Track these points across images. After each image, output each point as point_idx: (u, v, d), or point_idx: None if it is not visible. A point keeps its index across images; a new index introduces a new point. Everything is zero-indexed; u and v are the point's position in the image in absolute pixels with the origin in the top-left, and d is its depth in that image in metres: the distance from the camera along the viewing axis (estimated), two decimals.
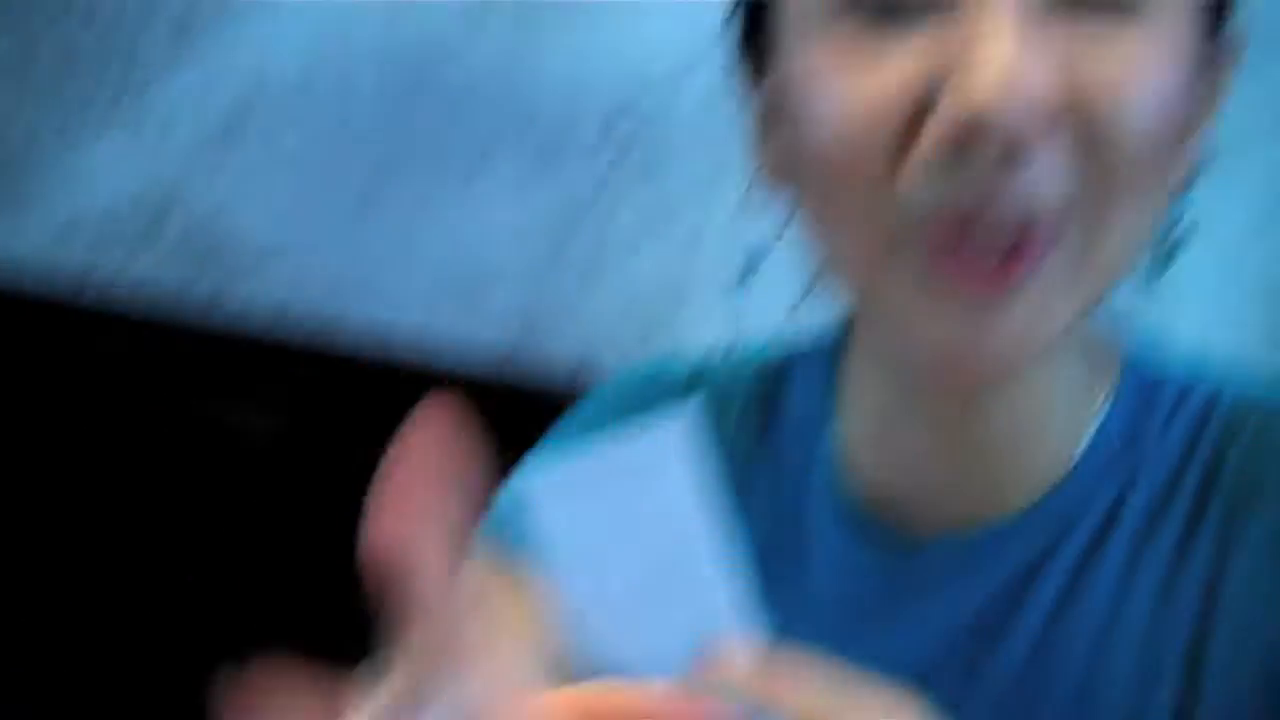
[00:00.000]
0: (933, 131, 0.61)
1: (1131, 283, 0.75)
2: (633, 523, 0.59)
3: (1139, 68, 0.62)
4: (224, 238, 1.81)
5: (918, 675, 0.62)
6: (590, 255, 1.69)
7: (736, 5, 0.75)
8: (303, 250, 1.78)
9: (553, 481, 0.62)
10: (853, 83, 0.63)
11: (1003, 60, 0.60)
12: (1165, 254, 0.73)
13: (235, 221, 1.81)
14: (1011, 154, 0.60)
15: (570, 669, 0.55)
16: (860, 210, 0.65)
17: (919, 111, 0.62)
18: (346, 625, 0.74)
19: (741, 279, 0.81)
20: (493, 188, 1.72)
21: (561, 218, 1.70)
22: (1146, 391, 0.75)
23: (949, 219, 0.62)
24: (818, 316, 0.82)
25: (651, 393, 0.88)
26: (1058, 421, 0.73)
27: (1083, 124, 0.61)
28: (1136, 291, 0.75)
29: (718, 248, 1.64)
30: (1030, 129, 0.60)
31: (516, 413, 1.51)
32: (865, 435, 0.78)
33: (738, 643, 0.57)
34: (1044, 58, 0.60)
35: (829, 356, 0.83)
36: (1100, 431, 0.74)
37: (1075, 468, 0.73)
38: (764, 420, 0.84)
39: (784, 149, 0.71)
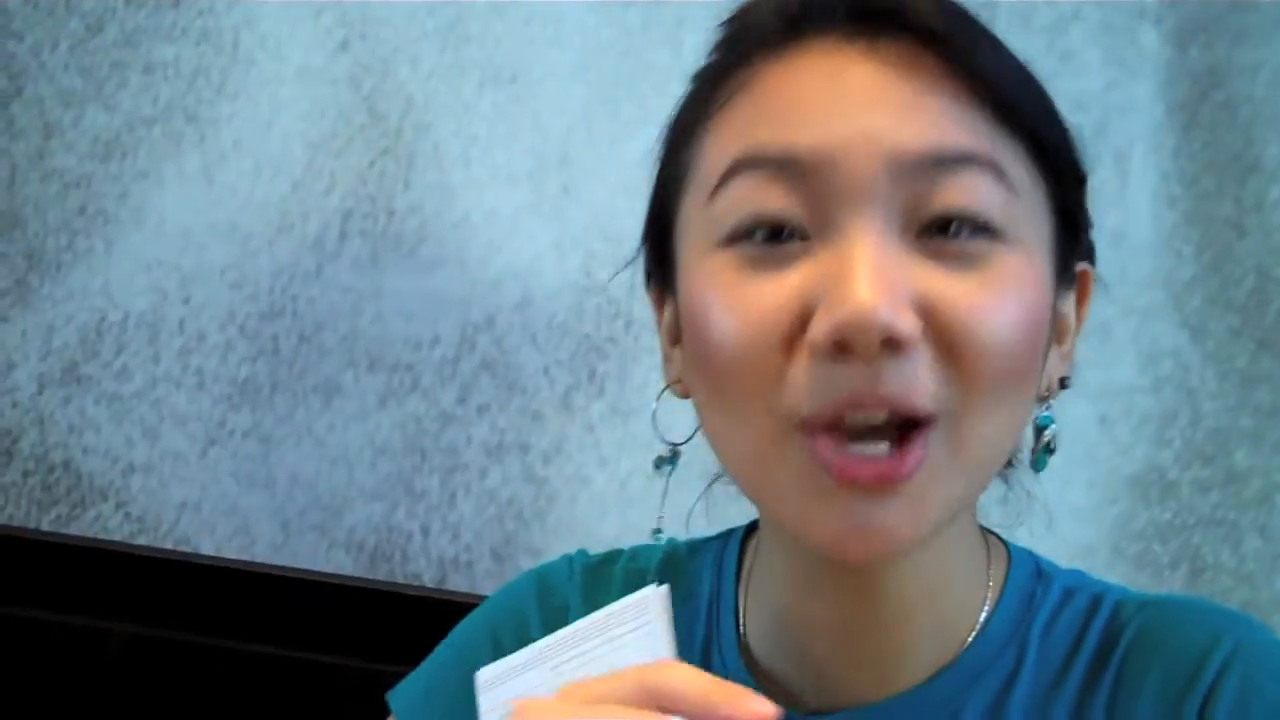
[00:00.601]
0: (807, 344, 0.68)
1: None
2: None
3: (989, 295, 0.68)
4: (75, 469, 1.79)
5: None
6: (446, 473, 1.70)
7: (645, 234, 0.81)
8: (154, 479, 1.77)
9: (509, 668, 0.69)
10: (740, 304, 0.70)
11: (865, 284, 0.66)
12: (1044, 450, 0.80)
13: (83, 456, 1.79)
14: (878, 358, 0.66)
15: None
16: (751, 415, 0.71)
17: (796, 329, 0.68)
18: None
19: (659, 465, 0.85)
20: (349, 410, 1.73)
21: (417, 436, 1.71)
22: (1033, 586, 0.81)
23: (832, 420, 0.68)
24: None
25: (550, 589, 0.91)
26: (949, 604, 0.79)
27: (941, 342, 0.68)
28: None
29: (579, 459, 1.66)
30: (893, 337, 0.66)
31: (378, 615, 1.51)
32: (768, 615, 0.82)
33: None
34: (900, 284, 0.67)
35: (734, 543, 0.87)
36: (990, 620, 0.79)
37: (967, 650, 0.78)
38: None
39: (686, 361, 0.77)
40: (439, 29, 1.73)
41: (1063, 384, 0.79)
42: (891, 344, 0.66)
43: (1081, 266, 0.79)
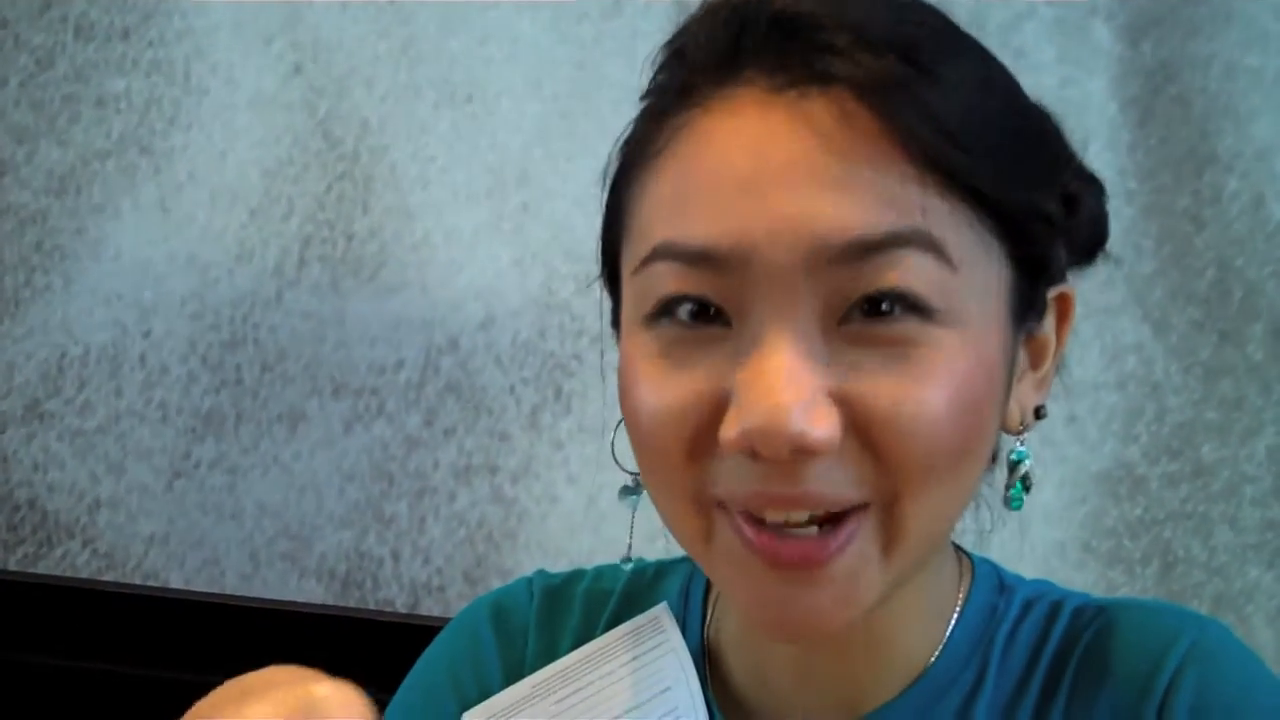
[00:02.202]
0: (721, 442, 0.66)
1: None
2: None
3: (915, 385, 0.65)
4: (40, 506, 1.78)
5: None
6: (415, 497, 1.69)
7: (601, 271, 0.80)
8: (120, 514, 1.76)
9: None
10: (659, 394, 0.68)
11: (775, 390, 0.63)
12: (1019, 486, 0.77)
13: (48, 493, 1.77)
14: (791, 461, 0.64)
15: None
16: (677, 495, 0.70)
17: (712, 423, 0.66)
18: None
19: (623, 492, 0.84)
20: (315, 437, 1.72)
21: (385, 461, 1.70)
22: (995, 600, 0.80)
23: (754, 508, 0.67)
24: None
25: (506, 613, 0.90)
26: (916, 631, 0.78)
27: (864, 437, 0.65)
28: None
29: (547, 478, 1.66)
30: (804, 445, 0.63)
31: (349, 640, 1.50)
32: (732, 641, 0.82)
33: None
34: (815, 386, 0.64)
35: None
36: (954, 635, 0.79)
37: (930, 668, 0.78)
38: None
39: (627, 431, 0.75)
40: (392, 51, 1.72)
41: (1038, 414, 0.76)
42: (803, 451, 0.64)
43: (1060, 289, 0.75)
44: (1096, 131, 1.53)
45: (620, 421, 0.78)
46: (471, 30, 1.71)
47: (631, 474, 0.80)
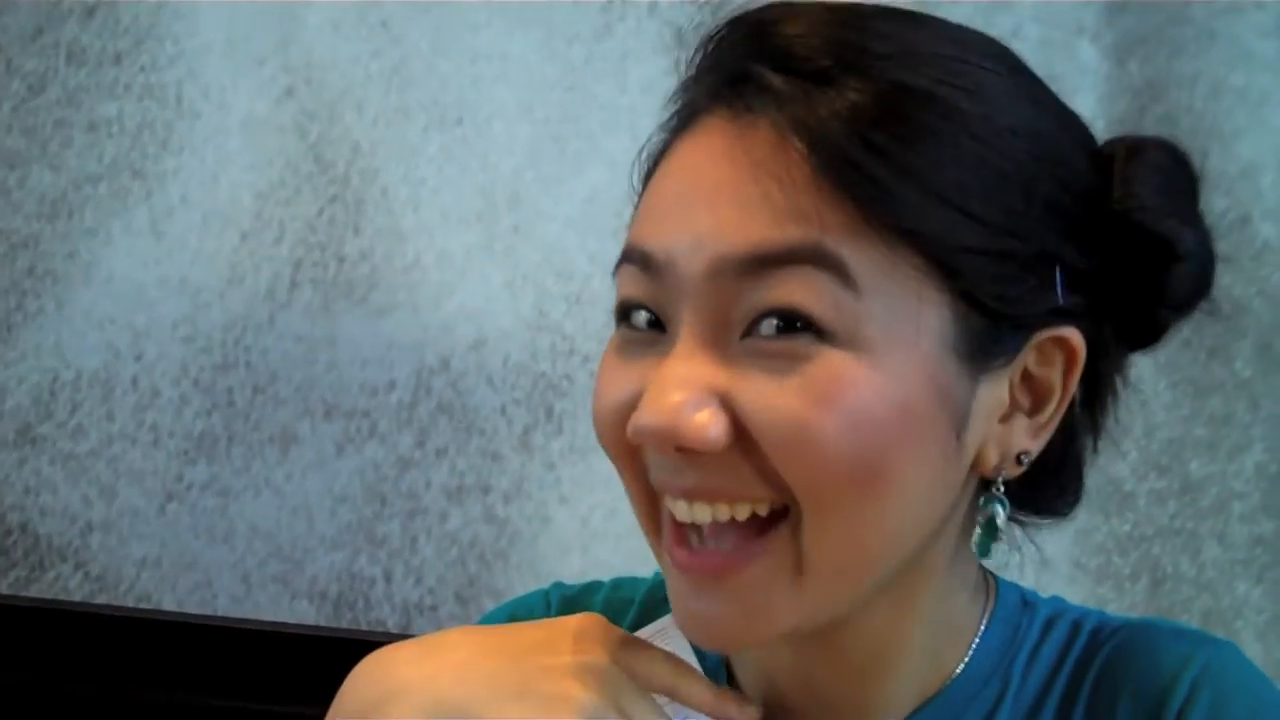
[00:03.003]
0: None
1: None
2: None
3: (803, 401, 0.66)
4: (32, 530, 1.78)
5: None
6: (407, 517, 1.69)
7: None
8: (112, 537, 1.76)
9: None
10: (609, 381, 0.73)
11: (663, 391, 0.67)
12: (984, 533, 0.75)
13: (40, 517, 1.77)
14: (679, 459, 0.68)
15: None
16: (630, 485, 0.74)
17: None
18: None
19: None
20: (307, 459, 1.72)
21: (376, 483, 1.70)
22: (1019, 618, 0.81)
23: (671, 495, 0.71)
24: None
25: (526, 620, 0.91)
26: (930, 650, 0.78)
27: (753, 449, 0.68)
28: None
29: (539, 498, 1.66)
30: (684, 446, 0.67)
31: (341, 661, 1.49)
32: (746, 655, 0.83)
33: None
34: (704, 391, 0.67)
35: None
36: (976, 653, 0.79)
37: (949, 685, 0.79)
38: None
39: None
40: (383, 72, 1.73)
41: (1020, 460, 0.74)
42: (686, 451, 0.68)
43: (1054, 334, 0.72)
44: None
45: None
46: (462, 51, 1.72)
47: None
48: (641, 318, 0.72)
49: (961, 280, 0.68)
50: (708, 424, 0.67)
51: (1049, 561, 1.51)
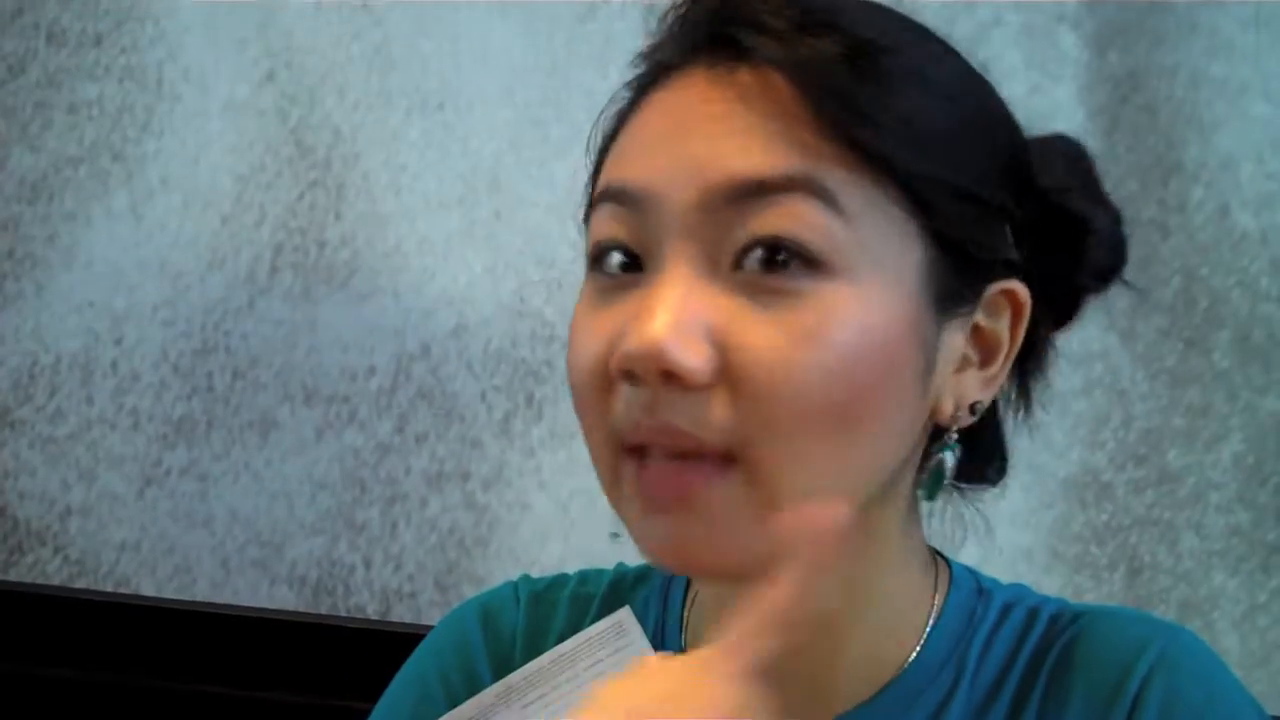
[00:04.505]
0: (609, 368, 0.70)
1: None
2: None
3: (794, 336, 0.67)
4: (10, 514, 1.77)
5: None
6: (386, 504, 1.69)
7: None
8: (91, 521, 1.76)
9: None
10: (582, 333, 0.73)
11: (654, 318, 0.67)
12: (932, 477, 0.78)
13: (19, 501, 1.77)
14: (662, 390, 0.68)
15: None
16: (595, 440, 0.73)
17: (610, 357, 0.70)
18: None
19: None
20: (286, 444, 1.72)
21: (356, 468, 1.70)
22: (974, 604, 0.82)
23: (634, 438, 0.70)
24: None
25: (495, 617, 0.91)
26: (884, 628, 0.79)
27: (737, 383, 0.68)
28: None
29: (519, 485, 1.66)
30: (672, 371, 0.67)
31: (320, 647, 1.50)
32: (706, 640, 0.83)
33: None
34: (695, 320, 0.68)
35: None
36: (931, 638, 0.80)
37: (905, 669, 0.79)
38: None
39: None
40: (364, 55, 1.73)
41: (973, 409, 0.76)
42: (673, 378, 0.67)
43: (1006, 285, 0.75)
44: None
45: None
46: (444, 36, 1.71)
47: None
48: (615, 260, 0.72)
49: (937, 219, 0.71)
50: (695, 353, 0.67)
51: (1027, 550, 1.52)
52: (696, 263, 0.69)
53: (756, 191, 0.68)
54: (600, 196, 0.73)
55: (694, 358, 0.67)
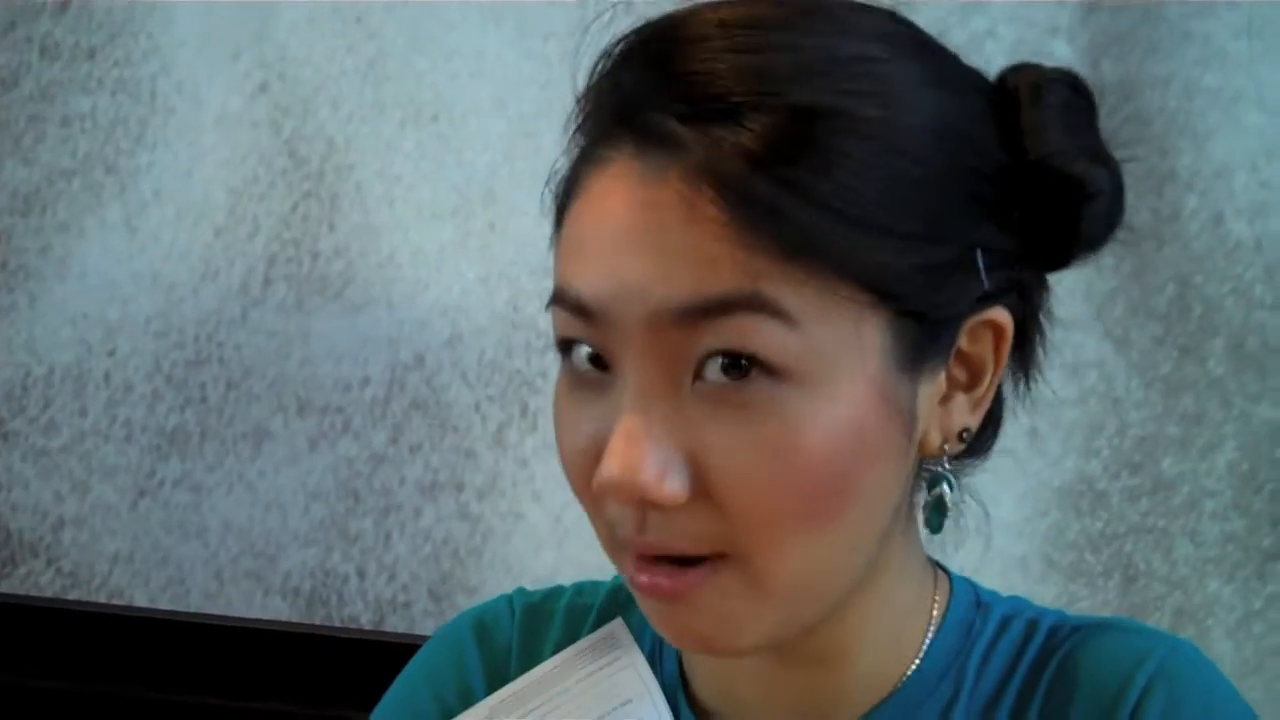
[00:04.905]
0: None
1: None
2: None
3: (761, 449, 0.67)
4: (3, 525, 1.77)
5: None
6: (380, 514, 1.69)
7: None
8: (84, 532, 1.75)
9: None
10: (567, 424, 0.73)
11: (621, 450, 0.67)
12: (933, 510, 0.77)
13: (12, 513, 1.77)
14: (644, 510, 0.68)
15: None
16: (593, 516, 0.74)
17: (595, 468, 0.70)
18: None
19: None
20: (280, 455, 1.72)
21: (350, 479, 1.70)
22: (972, 617, 0.81)
23: (631, 549, 0.71)
24: None
25: (489, 630, 0.91)
26: (886, 644, 0.78)
27: (712, 497, 0.68)
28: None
29: (512, 495, 1.66)
30: (649, 500, 0.67)
31: (314, 658, 1.49)
32: (702, 658, 0.82)
33: None
34: (663, 446, 0.68)
35: None
36: (930, 651, 0.79)
37: (904, 682, 0.78)
38: None
39: None
40: (357, 68, 1.73)
41: (961, 436, 0.75)
42: (651, 504, 0.68)
43: (984, 317, 0.73)
44: None
45: None
46: (438, 47, 1.71)
47: None
48: (583, 354, 0.71)
49: (894, 300, 0.68)
50: (670, 480, 0.67)
51: (1022, 559, 1.52)
52: (656, 378, 0.68)
53: (701, 314, 0.66)
54: (555, 296, 0.72)
55: (668, 486, 0.67)
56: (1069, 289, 1.51)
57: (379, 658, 0.98)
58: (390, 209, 1.71)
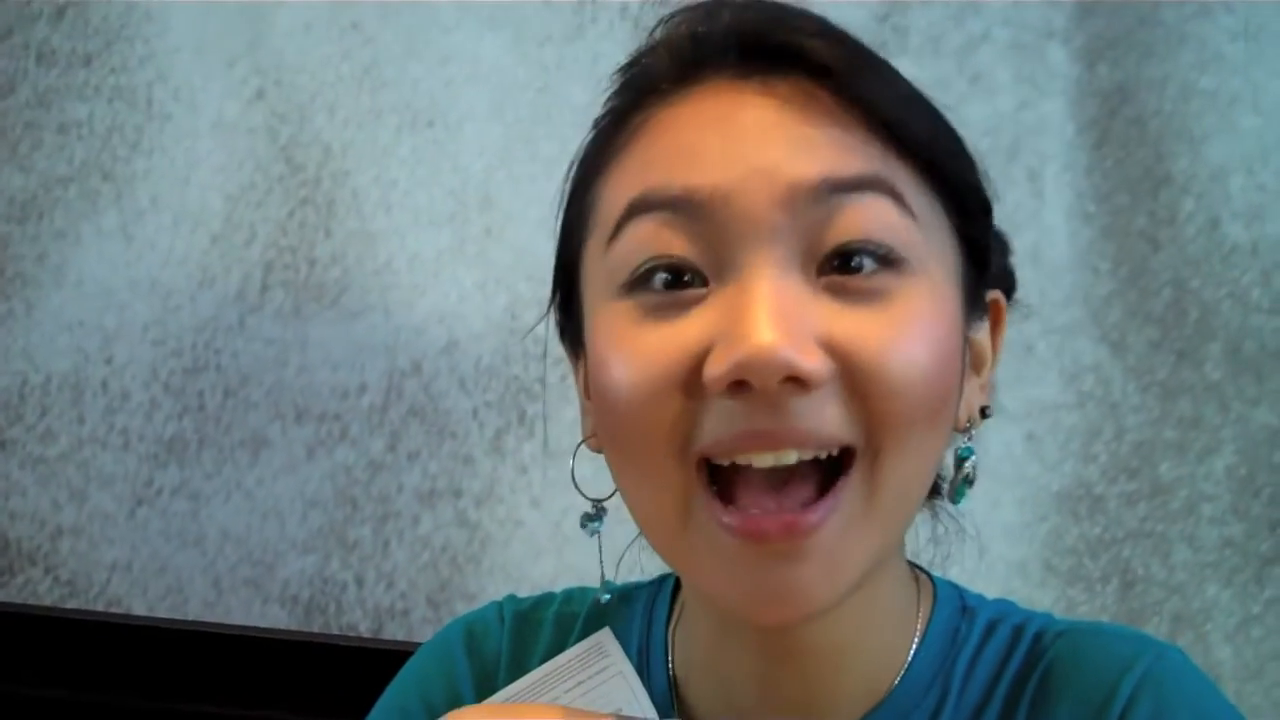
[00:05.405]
0: (705, 385, 0.66)
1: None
2: None
3: (896, 332, 0.68)
4: (1, 534, 1.77)
5: None
6: (378, 522, 1.69)
7: (554, 286, 0.81)
8: (82, 541, 1.75)
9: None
10: (639, 353, 0.69)
11: (765, 321, 0.65)
12: (963, 482, 0.78)
13: (10, 521, 1.76)
14: (780, 395, 0.65)
15: None
16: (656, 470, 0.70)
17: (696, 373, 0.67)
18: None
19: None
20: (278, 462, 1.72)
21: (348, 486, 1.70)
22: (958, 622, 0.81)
23: (742, 450, 0.67)
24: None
25: (479, 638, 0.91)
26: (876, 649, 0.79)
27: (850, 382, 0.67)
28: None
29: (511, 501, 1.66)
30: (796, 375, 0.65)
31: (313, 666, 1.49)
32: (696, 661, 0.82)
33: None
34: (803, 322, 0.66)
35: (666, 589, 0.88)
36: (916, 658, 0.79)
37: (893, 690, 0.78)
38: None
39: (595, 416, 0.75)
40: (354, 74, 1.73)
41: (984, 413, 0.78)
42: (795, 382, 0.65)
43: (992, 295, 0.79)
44: (1053, 154, 1.54)
45: (580, 444, 0.79)
46: (434, 53, 1.71)
47: (593, 500, 0.81)
48: (660, 280, 0.69)
49: (967, 222, 0.73)
50: (814, 356, 0.66)
51: (1020, 564, 1.52)
52: (785, 266, 0.67)
53: (838, 193, 0.68)
54: (641, 207, 0.70)
55: (812, 360, 0.65)
56: (1066, 294, 1.52)
57: (377, 665, 0.98)
58: (387, 215, 1.71)
